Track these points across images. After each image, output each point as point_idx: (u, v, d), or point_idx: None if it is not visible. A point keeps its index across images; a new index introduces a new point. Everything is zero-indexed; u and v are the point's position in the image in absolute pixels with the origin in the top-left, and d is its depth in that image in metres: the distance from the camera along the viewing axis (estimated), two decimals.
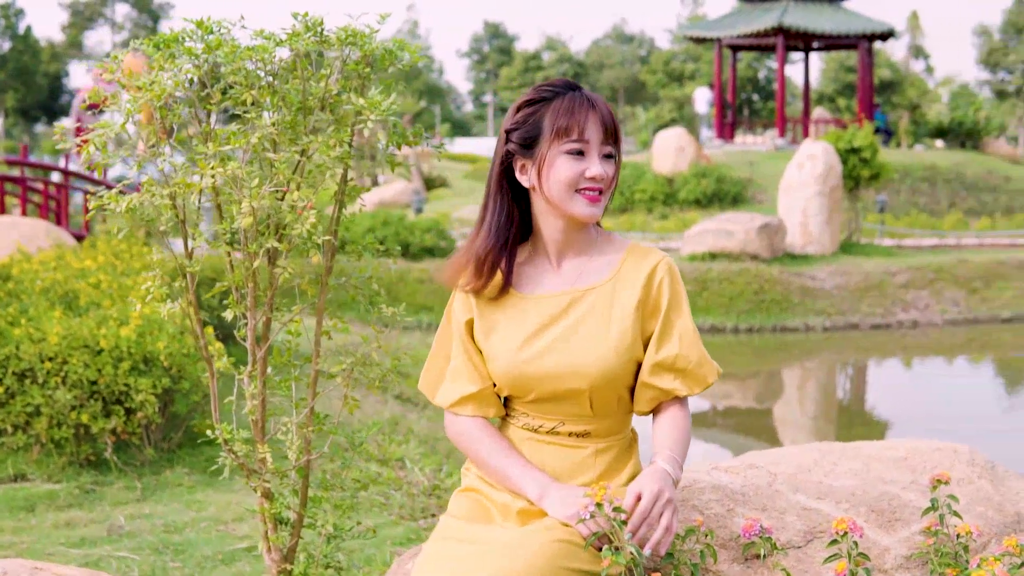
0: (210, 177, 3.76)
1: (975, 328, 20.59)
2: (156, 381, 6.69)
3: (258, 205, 3.75)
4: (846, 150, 24.28)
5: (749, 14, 40.76)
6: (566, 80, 3.24)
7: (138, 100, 3.85)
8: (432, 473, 6.98)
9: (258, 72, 3.94)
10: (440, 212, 29.49)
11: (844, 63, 78.53)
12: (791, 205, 23.21)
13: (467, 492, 3.29)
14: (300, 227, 3.84)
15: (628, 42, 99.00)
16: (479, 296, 3.25)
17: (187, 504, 6.21)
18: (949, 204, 33.06)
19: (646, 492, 2.92)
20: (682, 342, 3.20)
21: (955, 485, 3.91)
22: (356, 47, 3.95)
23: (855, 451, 4.22)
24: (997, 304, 21.43)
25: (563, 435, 3.21)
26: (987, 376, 17.72)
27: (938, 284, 21.48)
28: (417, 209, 28.55)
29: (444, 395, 3.31)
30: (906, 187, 33.16)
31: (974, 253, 24.23)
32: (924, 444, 4.30)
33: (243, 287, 4.11)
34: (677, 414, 3.23)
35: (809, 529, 3.55)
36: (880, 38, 39.95)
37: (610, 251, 3.27)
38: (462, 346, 3.27)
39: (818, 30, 38.54)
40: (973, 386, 16.78)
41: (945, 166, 34.72)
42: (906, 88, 77.11)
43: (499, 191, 3.23)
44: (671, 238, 26.14)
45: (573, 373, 3.13)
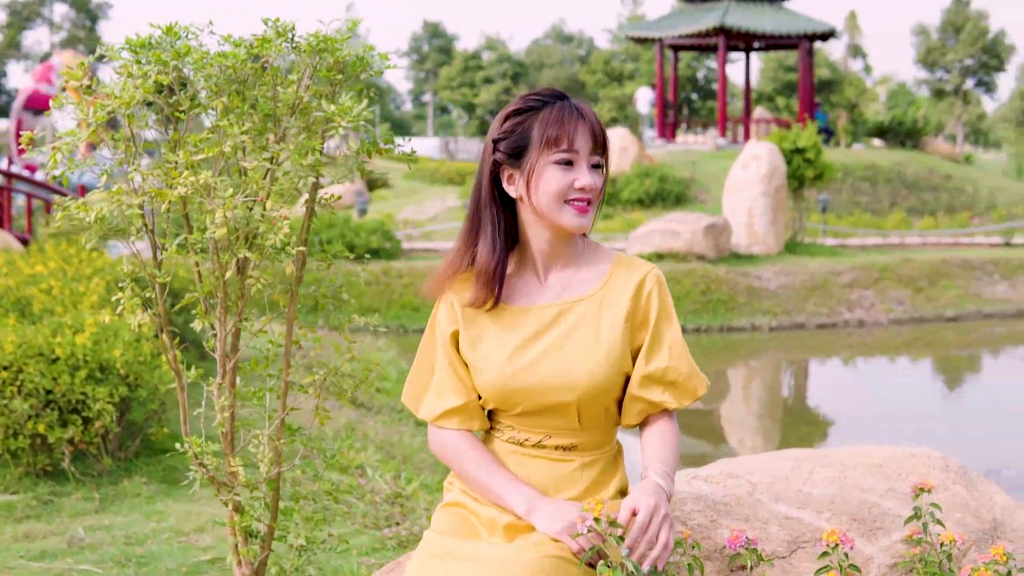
0: (183, 187, 3.68)
1: (920, 327, 20.73)
2: (113, 389, 6.59)
3: (232, 215, 3.68)
4: (790, 150, 24.40)
5: (691, 14, 40.89)
6: (553, 89, 3.19)
7: (105, 107, 3.78)
8: (392, 480, 6.91)
9: (228, 79, 3.88)
10: (384, 213, 29.38)
11: (783, 63, 78.98)
12: (736, 205, 23.28)
13: (451, 507, 3.23)
14: (274, 237, 3.78)
15: (567, 42, 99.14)
16: (465, 307, 3.20)
17: (147, 515, 6.11)
18: (890, 203, 33.29)
19: (642, 507, 2.87)
20: (672, 354, 3.17)
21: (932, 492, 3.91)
22: (327, 53, 3.89)
23: (829, 458, 4.20)
24: (941, 303, 21.59)
25: (549, 448, 3.16)
26: (932, 375, 17.83)
27: (883, 283, 21.61)
28: (361, 211, 28.43)
29: (428, 408, 3.25)
30: (847, 186, 33.37)
31: (918, 252, 24.41)
32: (898, 451, 4.29)
33: (212, 297, 4.04)
34: (666, 427, 3.19)
35: (793, 539, 3.54)
36: (821, 38, 40.18)
37: (597, 262, 3.23)
38: (447, 358, 3.22)
39: (759, 30, 38.71)
40: (918, 385, 16.88)
41: (886, 165, 34.96)
42: (844, 87, 77.61)
43: (491, 202, 3.18)
44: (616, 238, 26.14)
45: (562, 386, 3.08)
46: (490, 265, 3.15)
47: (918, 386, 16.70)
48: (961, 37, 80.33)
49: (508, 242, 3.20)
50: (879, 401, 15.19)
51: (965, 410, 14.57)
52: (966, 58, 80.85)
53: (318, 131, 3.97)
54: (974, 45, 79.87)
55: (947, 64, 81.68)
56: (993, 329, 20.98)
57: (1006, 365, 18.86)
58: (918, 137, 39.79)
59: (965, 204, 33.95)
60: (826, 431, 13.81)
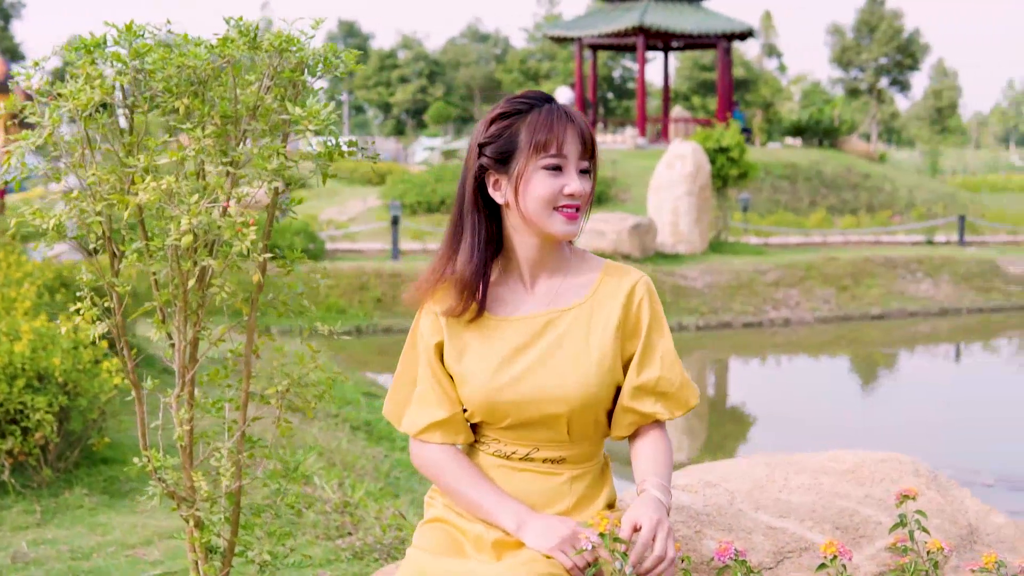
0: (146, 192, 3.54)
1: (845, 325, 20.84)
2: (52, 399, 6.40)
3: (196, 222, 3.55)
4: (714, 149, 24.51)
5: (609, 14, 40.98)
6: (540, 92, 3.10)
7: (58, 109, 3.64)
8: (338, 488, 6.78)
9: (187, 80, 3.74)
10: (306, 214, 29.12)
11: (698, 62, 79.53)
12: (661, 205, 23.31)
13: (435, 523, 3.14)
14: (240, 244, 3.65)
15: (483, 41, 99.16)
16: (450, 317, 3.09)
17: (90, 527, 5.94)
18: (810, 202, 33.51)
19: (645, 522, 2.78)
20: (664, 364, 3.09)
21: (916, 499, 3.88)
22: (291, 54, 3.76)
23: (802, 464, 4.19)
24: (866, 301, 21.73)
25: (537, 461, 3.08)
26: (857, 372, 17.90)
27: (808, 282, 21.72)
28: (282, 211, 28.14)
29: (410, 422, 3.15)
30: (767, 185, 33.55)
31: (841, 251, 24.58)
32: (869, 455, 4.30)
33: (170, 306, 3.91)
34: (658, 438, 3.12)
35: (778, 549, 3.52)
36: (739, 37, 40.43)
37: (586, 270, 3.14)
38: (430, 370, 3.11)
39: (678, 30, 38.88)
40: (842, 382, 16.97)
41: (805, 164, 35.20)
42: (760, 87, 78.25)
43: (475, 208, 3.07)
44: None
45: (552, 398, 2.99)
46: (468, 273, 3.05)
47: (843, 383, 16.79)
48: (876, 36, 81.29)
49: (491, 249, 3.10)
50: (806, 398, 15.24)
51: (897, 408, 14.62)
52: (880, 57, 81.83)
53: (280, 134, 3.85)
54: (888, 44, 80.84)
55: (862, 63, 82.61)
56: (917, 327, 21.15)
57: (932, 362, 19.01)
58: (835, 136, 40.11)
59: (884, 202, 34.23)
60: (748, 428, 13.85)
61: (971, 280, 23.00)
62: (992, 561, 3.17)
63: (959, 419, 13.49)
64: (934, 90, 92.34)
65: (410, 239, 26.60)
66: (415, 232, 27.09)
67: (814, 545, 3.53)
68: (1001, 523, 4.14)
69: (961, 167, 63.57)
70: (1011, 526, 4.14)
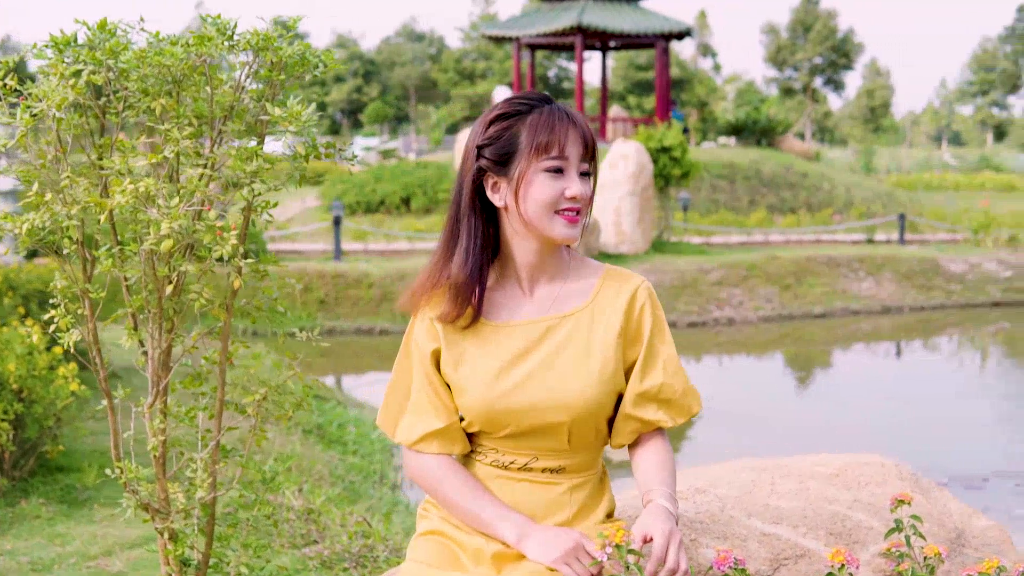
0: (123, 195, 3.43)
1: (789, 324, 20.91)
2: (7, 406, 6.26)
3: (178, 226, 3.45)
4: (656, 149, 24.55)
5: (547, 13, 40.92)
6: (540, 93, 3.02)
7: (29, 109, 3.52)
8: (301, 495, 6.68)
9: (162, 79, 3.63)
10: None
11: (633, 62, 79.72)
12: (604, 205, 23.31)
13: (431, 536, 3.05)
14: (221, 248, 3.55)
15: (419, 40, 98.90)
16: (447, 324, 3.00)
17: (49, 538, 5.80)
18: (749, 201, 33.64)
19: (658, 534, 2.71)
20: (666, 371, 3.03)
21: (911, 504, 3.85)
22: (268, 52, 3.67)
23: (787, 468, 4.15)
24: (808, 300, 21.82)
25: (536, 471, 3.00)
26: (804, 371, 17.96)
27: (751, 281, 21.78)
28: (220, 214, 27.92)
29: (405, 432, 3.05)
30: (706, 185, 33.64)
31: (783, 250, 24.69)
32: (852, 458, 4.28)
33: (142, 312, 3.80)
34: (661, 446, 3.05)
35: (774, 556, 3.47)
36: (677, 37, 40.47)
37: (586, 275, 3.07)
38: (426, 378, 3.02)
39: (616, 29, 38.86)
40: (790, 381, 17.03)
41: (743, 163, 35.33)
42: (695, 86, 78.54)
43: (472, 211, 2.99)
44: None
45: (554, 406, 2.91)
46: (463, 278, 2.96)
47: (795, 383, 16.84)
48: (810, 36, 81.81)
49: (488, 254, 3.01)
50: (748, 399, 15.26)
51: (847, 407, 14.66)
52: (815, 57, 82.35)
53: (257, 135, 3.76)
54: (823, 44, 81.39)
55: (796, 63, 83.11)
56: (860, 325, 21.25)
57: (877, 361, 19.08)
58: (773, 135, 40.28)
59: (823, 201, 34.41)
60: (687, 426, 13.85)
61: (913, 278, 23.16)
62: (994, 566, 3.13)
63: (907, 417, 13.57)
64: (867, 89, 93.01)
65: (351, 240, 26.46)
66: (356, 232, 26.95)
67: (810, 552, 3.49)
68: (985, 526, 4.12)
69: (895, 166, 64.06)
70: (995, 528, 4.12)
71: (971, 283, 23.47)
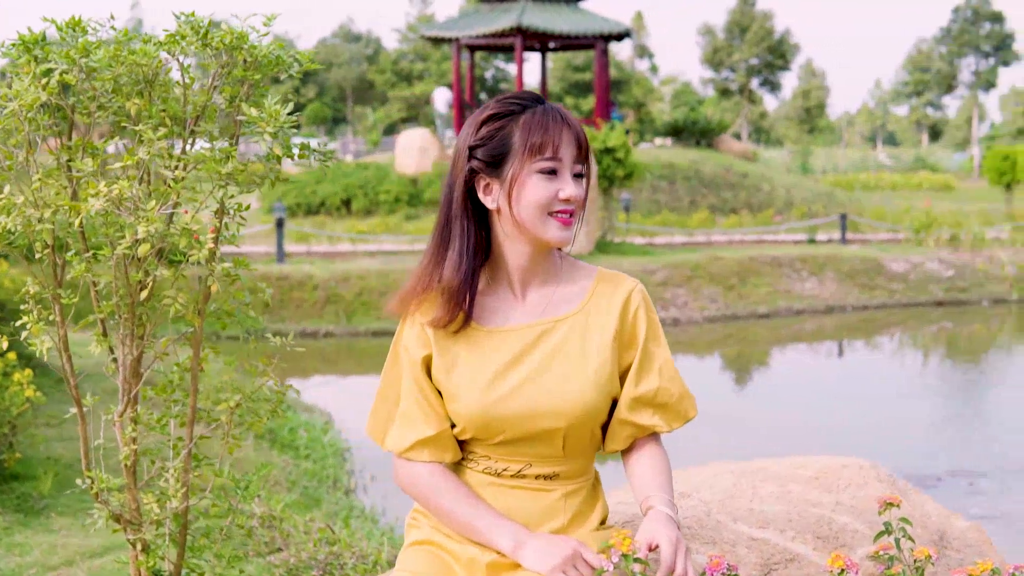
0: (98, 199, 3.34)
1: (733, 324, 20.97)
2: None
3: (154, 230, 3.36)
4: (600, 150, 24.56)
5: (487, 14, 40.84)
6: (531, 92, 2.95)
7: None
8: (258, 500, 6.58)
9: (135, 79, 3.54)
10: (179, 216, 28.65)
11: (571, 63, 79.81)
12: None
13: (422, 546, 2.98)
14: (198, 253, 3.47)
15: (356, 41, 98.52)
16: (438, 329, 2.92)
17: (7, 548, 5.67)
18: (690, 201, 33.74)
19: (665, 541, 2.66)
20: (662, 375, 2.97)
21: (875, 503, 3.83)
22: (242, 51, 3.58)
23: (766, 471, 4.16)
24: (753, 300, 21.90)
25: (529, 478, 2.93)
26: (751, 371, 18.01)
27: (695, 282, 21.82)
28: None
29: (395, 440, 2.97)
30: (647, 186, 33.71)
31: (725, 251, 24.78)
32: (830, 460, 4.29)
33: (113, 318, 3.70)
34: (657, 452, 3.00)
35: (764, 561, 3.45)
36: (616, 38, 40.50)
37: (578, 278, 3.02)
38: (416, 385, 2.94)
39: (556, 30, 38.84)
40: (738, 381, 17.07)
41: (683, 164, 35.44)
42: (632, 87, 78.73)
43: (464, 214, 2.91)
44: (425, 240, 25.88)
45: (549, 412, 2.85)
46: (456, 282, 2.89)
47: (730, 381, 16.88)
48: (747, 37, 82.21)
49: (479, 257, 2.94)
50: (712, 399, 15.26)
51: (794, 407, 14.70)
52: (751, 58, 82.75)
53: (230, 136, 3.68)
54: (759, 45, 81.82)
55: (733, 64, 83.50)
56: (803, 325, 21.36)
57: (821, 360, 19.17)
58: (711, 136, 40.44)
59: (764, 201, 34.57)
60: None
61: (855, 278, 23.30)
62: (987, 569, 3.10)
63: (854, 417, 13.62)
64: (803, 90, 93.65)
65: (294, 242, 26.31)
66: (299, 235, 26.81)
67: (799, 556, 3.47)
68: (964, 527, 4.13)
69: (831, 166, 64.54)
70: (974, 530, 4.13)
71: (913, 283, 23.65)
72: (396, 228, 28.77)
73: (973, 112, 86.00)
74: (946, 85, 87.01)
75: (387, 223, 29.15)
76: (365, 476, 10.56)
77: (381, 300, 19.00)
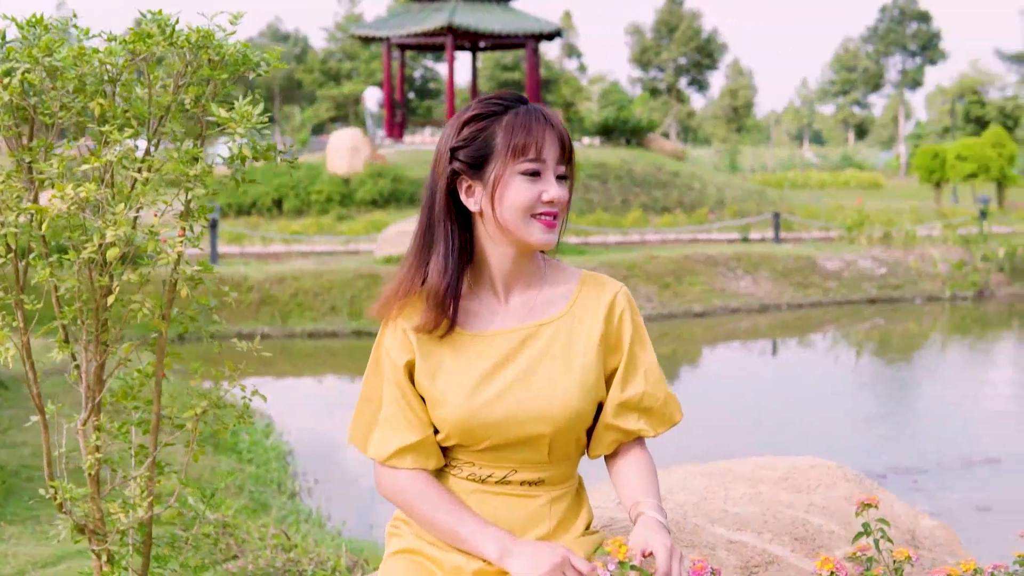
0: (65, 201, 3.26)
1: (669, 323, 21.02)
2: None
3: (123, 233, 3.29)
4: None
5: (418, 14, 40.76)
6: (514, 93, 2.90)
7: None
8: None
9: (99, 79, 3.47)
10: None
11: (499, 62, 79.83)
12: None
13: (405, 555, 2.91)
14: (168, 257, 3.40)
15: (283, 40, 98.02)
16: (422, 334, 2.86)
17: None
18: (622, 200, 33.78)
19: (660, 548, 2.61)
20: (648, 379, 2.93)
21: (845, 503, 3.84)
22: (209, 50, 3.52)
23: (735, 473, 4.16)
24: (688, 298, 21.97)
25: (514, 484, 2.88)
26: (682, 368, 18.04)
27: (631, 280, 21.83)
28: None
29: (378, 447, 2.90)
30: (579, 185, 33.72)
31: (660, 250, 24.83)
32: (798, 461, 4.30)
33: (76, 323, 3.62)
34: (643, 457, 2.96)
35: (744, 564, 3.45)
36: (547, 38, 40.58)
37: (562, 281, 2.96)
38: (398, 390, 2.88)
39: (487, 30, 38.85)
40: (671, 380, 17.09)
41: (615, 163, 35.48)
42: (560, 86, 78.82)
43: (447, 216, 2.85)
44: (359, 240, 25.89)
45: (535, 417, 2.80)
46: (441, 286, 2.83)
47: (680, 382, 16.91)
48: (675, 37, 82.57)
49: (463, 260, 2.88)
50: None
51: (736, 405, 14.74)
52: (680, 57, 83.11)
53: (196, 136, 3.61)
54: (687, 44, 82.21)
55: (661, 63, 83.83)
56: (739, 323, 21.45)
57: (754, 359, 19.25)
58: (641, 135, 40.52)
59: (695, 200, 34.69)
60: None
61: (789, 276, 23.43)
62: (970, 569, 3.10)
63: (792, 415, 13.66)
64: (730, 89, 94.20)
65: (226, 243, 26.12)
66: (231, 235, 26.61)
67: (778, 559, 3.46)
68: (932, 526, 4.14)
69: (759, 165, 64.92)
70: (941, 529, 4.15)
71: (847, 280, 23.82)
72: (330, 228, 28.63)
73: (899, 111, 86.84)
74: (873, 84, 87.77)
75: (320, 223, 28.99)
76: (309, 480, 10.47)
77: (316, 301, 18.90)
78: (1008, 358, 19.25)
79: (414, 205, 31.23)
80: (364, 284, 19.10)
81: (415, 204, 31.29)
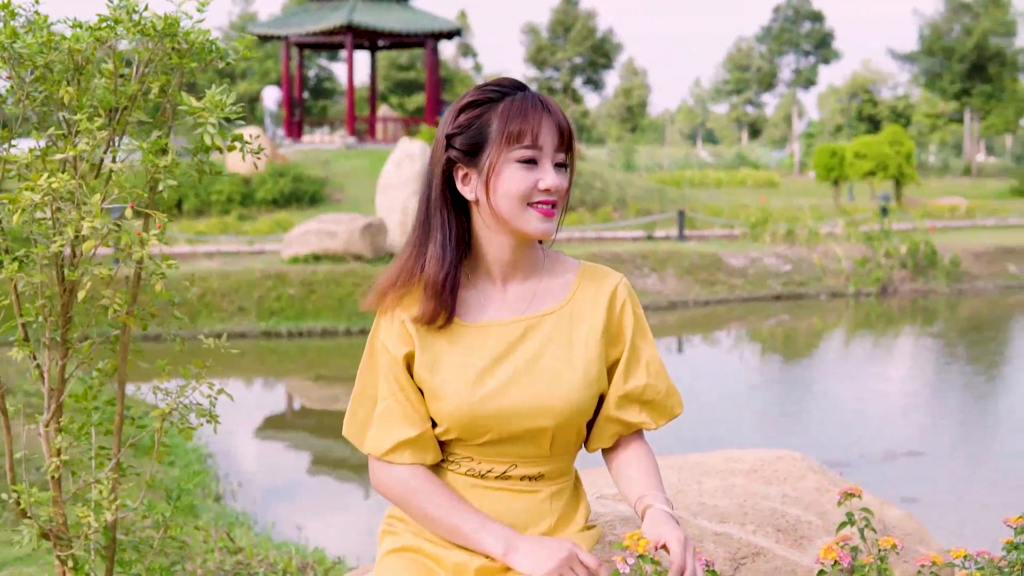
0: (38, 192, 3.16)
1: None
2: None
3: (100, 225, 3.19)
4: None
5: (316, 12, 40.57)
6: (513, 80, 2.83)
7: None
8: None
9: (66, 67, 3.37)
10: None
11: (395, 61, 79.61)
12: (390, 204, 23.06)
13: (403, 553, 2.83)
14: (140, 251, 3.30)
15: None
16: (421, 325, 2.79)
17: None
18: None
19: (673, 541, 2.57)
20: (649, 371, 2.89)
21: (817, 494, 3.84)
22: (176, 38, 3.42)
23: (704, 466, 4.17)
24: None
25: (514, 479, 2.81)
26: None
27: None
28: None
29: (375, 442, 2.82)
30: None
31: (567, 248, 24.86)
32: (763, 453, 4.33)
33: (35, 321, 3.50)
34: (644, 449, 2.92)
35: (731, 556, 3.46)
36: (446, 36, 40.57)
37: (561, 271, 2.90)
38: (396, 383, 2.80)
39: (386, 28, 38.75)
40: None
41: None
42: (456, 86, 78.75)
43: (443, 205, 2.78)
44: (265, 240, 25.66)
45: (538, 409, 2.73)
46: (440, 276, 2.76)
47: None
48: (570, 36, 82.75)
49: (461, 250, 2.81)
50: None
51: None
52: (575, 56, 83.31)
53: (164, 125, 3.51)
54: (583, 44, 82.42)
55: (556, 63, 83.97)
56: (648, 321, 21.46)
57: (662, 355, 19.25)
58: None
59: (597, 199, 34.76)
60: None
61: (695, 273, 23.58)
62: (961, 556, 3.13)
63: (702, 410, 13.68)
64: (625, 88, 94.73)
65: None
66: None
67: (764, 550, 3.46)
68: (898, 515, 4.17)
69: (655, 164, 65.32)
70: (908, 518, 4.17)
71: (752, 277, 24.03)
72: (234, 229, 28.34)
73: (792, 110, 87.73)
74: (766, 83, 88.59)
75: (224, 223, 28.69)
76: (232, 482, 10.32)
77: (224, 301, 18.68)
78: (913, 352, 19.48)
79: (316, 205, 31.04)
80: (272, 284, 18.92)
81: (317, 204, 31.11)
